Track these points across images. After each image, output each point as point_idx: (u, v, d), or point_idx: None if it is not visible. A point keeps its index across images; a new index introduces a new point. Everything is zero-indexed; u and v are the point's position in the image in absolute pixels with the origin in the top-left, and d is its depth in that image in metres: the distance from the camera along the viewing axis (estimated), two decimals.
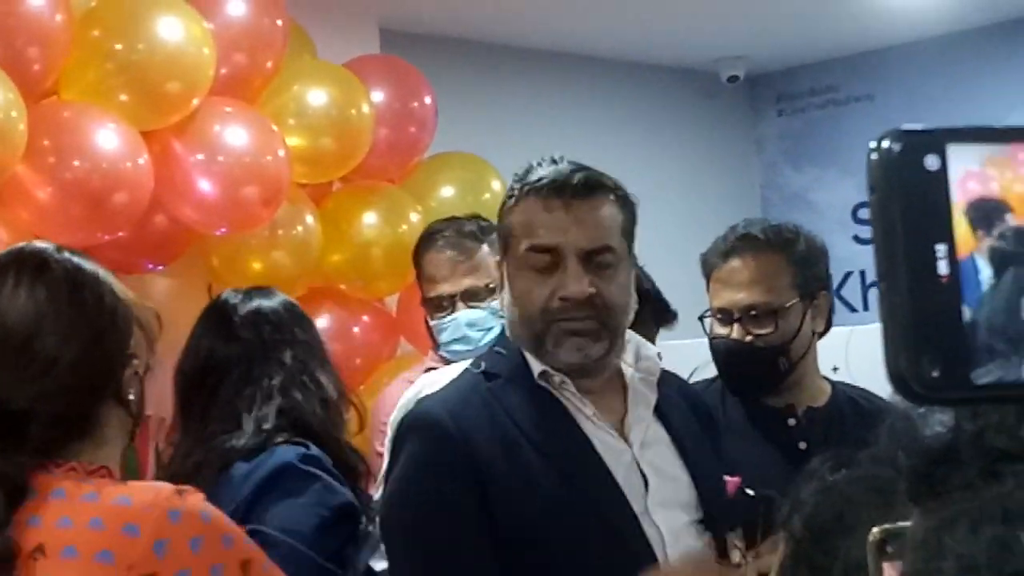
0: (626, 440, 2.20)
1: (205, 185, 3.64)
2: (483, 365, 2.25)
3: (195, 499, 1.76)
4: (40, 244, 1.92)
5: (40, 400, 1.76)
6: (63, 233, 3.27)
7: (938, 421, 0.68)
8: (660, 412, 2.26)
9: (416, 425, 2.21)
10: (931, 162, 0.65)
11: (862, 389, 2.85)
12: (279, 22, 3.92)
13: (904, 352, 0.64)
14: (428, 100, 4.27)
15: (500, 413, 2.15)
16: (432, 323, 3.34)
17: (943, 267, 0.64)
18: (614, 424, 2.21)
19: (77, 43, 3.52)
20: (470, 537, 2.10)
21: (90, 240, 3.32)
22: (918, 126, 0.67)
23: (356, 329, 4.10)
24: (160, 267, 3.88)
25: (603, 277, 2.16)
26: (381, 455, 3.30)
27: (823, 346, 2.77)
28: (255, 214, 3.72)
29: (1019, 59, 6.25)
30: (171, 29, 3.57)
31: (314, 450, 2.53)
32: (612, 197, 2.19)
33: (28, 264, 1.83)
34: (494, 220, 3.58)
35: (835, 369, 4.71)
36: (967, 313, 0.64)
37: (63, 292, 1.80)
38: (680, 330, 3.18)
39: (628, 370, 2.25)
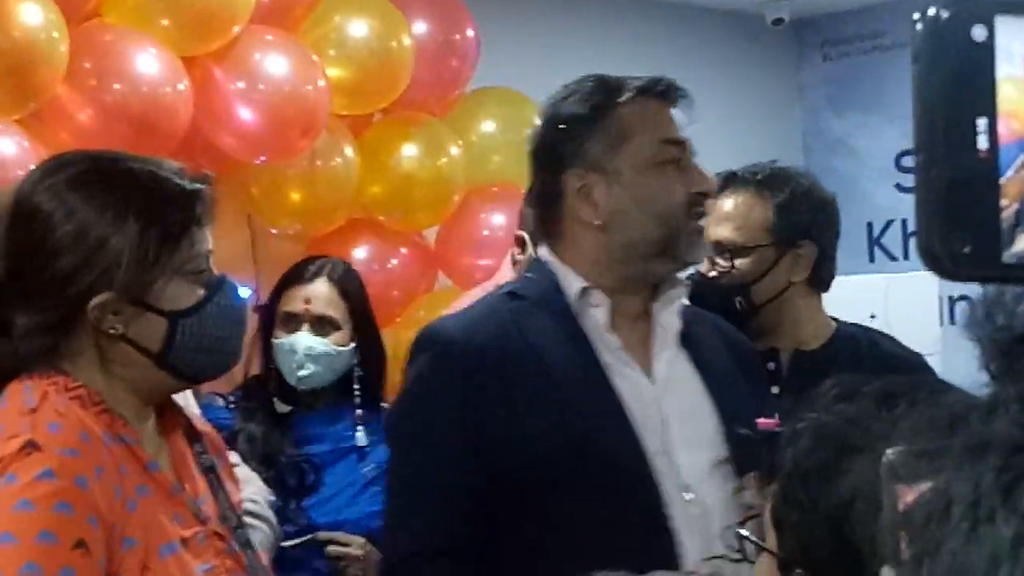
0: (649, 376, 2.16)
1: (245, 113, 3.63)
2: (509, 286, 2.22)
3: None
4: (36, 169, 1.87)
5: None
6: None
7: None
8: (689, 344, 2.21)
9: (426, 341, 2.19)
10: (978, 32, 0.63)
11: (879, 333, 2.82)
12: None
13: (937, 228, 0.62)
14: (471, 33, 4.23)
15: (515, 333, 2.11)
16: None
17: (983, 141, 0.62)
18: (637, 358, 2.16)
19: None
20: (457, 458, 2.07)
21: None
22: None
23: (394, 261, 4.08)
24: None
25: None
26: None
27: (860, 294, 2.73)
28: (294, 143, 3.71)
29: None
30: None
31: None
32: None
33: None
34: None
35: (872, 317, 4.70)
36: (1003, 191, 0.62)
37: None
38: None
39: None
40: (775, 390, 2.57)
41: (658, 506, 2.05)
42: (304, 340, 3.20)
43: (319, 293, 3.25)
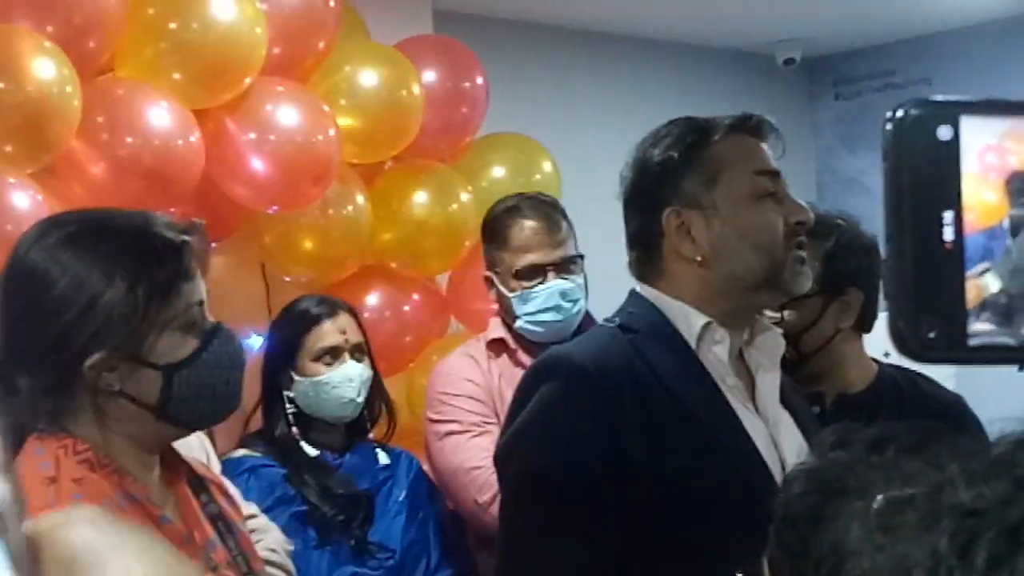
0: (759, 415, 2.14)
1: (257, 163, 3.67)
2: (617, 320, 2.17)
3: None
4: (40, 224, 1.89)
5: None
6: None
7: None
8: (782, 393, 2.20)
9: (554, 368, 2.12)
10: (944, 132, 0.67)
11: (916, 373, 2.79)
12: (332, 3, 3.94)
13: (904, 312, 0.67)
14: (480, 80, 4.28)
15: (642, 366, 2.07)
16: (517, 293, 3.31)
17: (948, 233, 0.66)
18: (749, 398, 2.15)
19: (132, 21, 3.56)
20: (598, 494, 2.01)
21: None
22: (935, 97, 0.68)
23: (406, 308, 4.11)
24: (213, 243, 3.92)
25: None
26: (437, 422, 3.32)
27: (876, 332, 2.72)
28: (305, 193, 3.75)
29: None
30: (225, 9, 3.60)
31: None
32: None
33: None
34: None
35: (886, 355, 4.68)
36: (971, 279, 0.66)
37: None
38: None
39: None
40: None
41: None
42: (356, 368, 3.23)
43: (349, 324, 3.28)
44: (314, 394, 3.21)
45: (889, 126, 0.67)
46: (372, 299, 4.04)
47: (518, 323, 3.32)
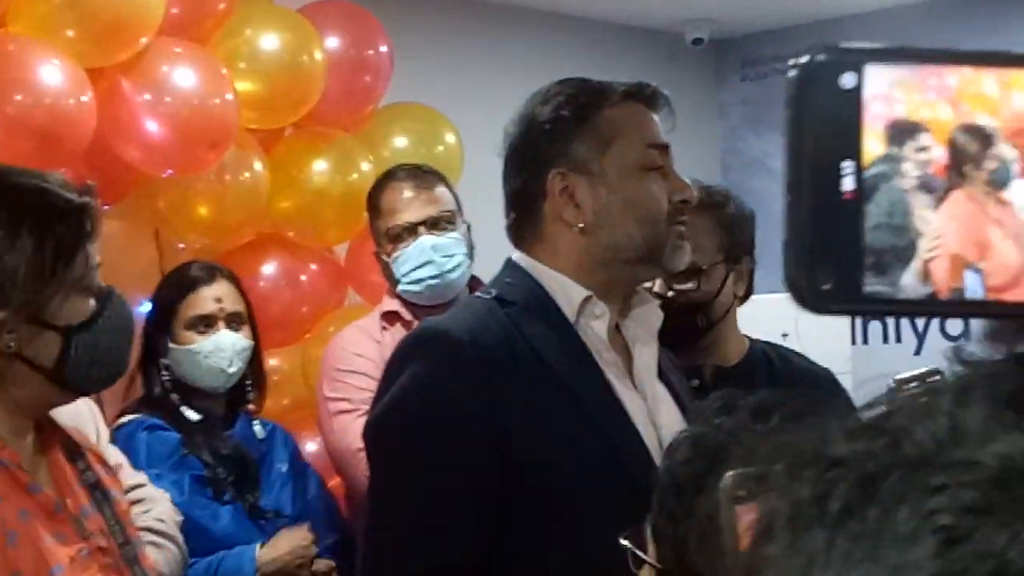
0: (636, 390, 2.10)
1: (151, 125, 3.59)
2: (494, 292, 2.10)
3: None
4: None
5: None
6: None
7: None
8: (658, 367, 2.16)
9: (427, 342, 2.05)
10: (847, 80, 0.66)
11: (785, 349, 2.85)
12: None
13: (800, 263, 0.66)
14: (384, 49, 4.22)
15: (519, 340, 2.01)
16: (392, 256, 3.32)
17: (848, 183, 0.65)
18: (626, 372, 2.10)
19: None
20: (472, 473, 1.95)
21: None
22: (842, 43, 0.67)
23: (304, 277, 4.06)
24: (106, 207, 3.83)
25: None
26: (329, 399, 3.30)
27: (773, 312, 2.75)
28: (201, 157, 3.67)
29: (994, 34, 6.23)
30: None
31: None
32: None
33: None
34: (447, 172, 3.61)
35: (785, 336, 4.72)
36: (866, 230, 0.66)
37: None
38: None
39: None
40: None
41: None
42: (229, 338, 3.18)
43: (227, 292, 3.23)
44: (187, 363, 3.17)
45: (793, 72, 0.67)
46: (268, 268, 3.98)
47: (399, 287, 3.31)
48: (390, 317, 3.37)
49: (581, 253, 2.07)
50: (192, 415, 3.16)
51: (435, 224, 3.34)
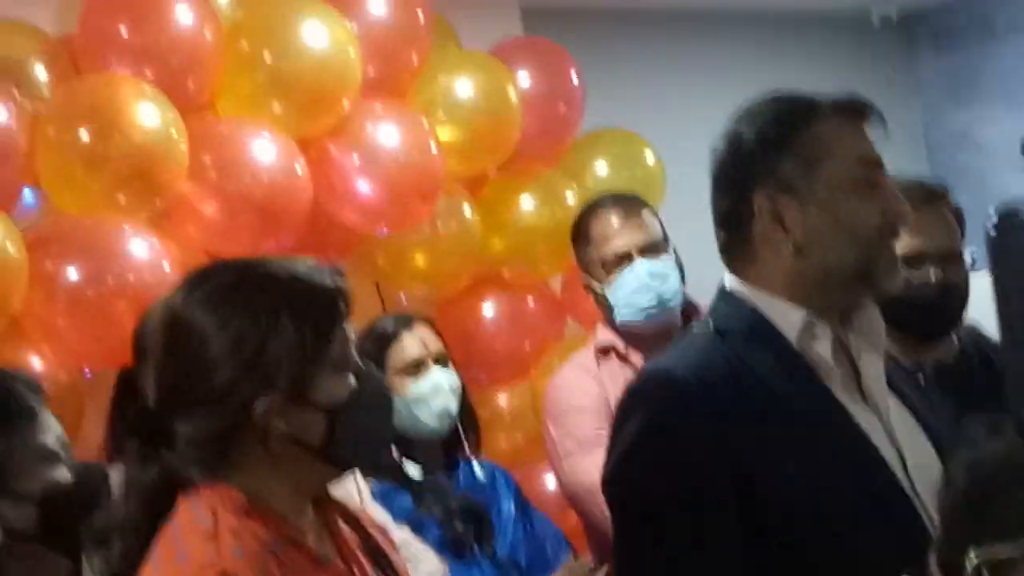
0: (869, 409, 2.01)
1: (363, 186, 3.69)
2: (711, 324, 2.03)
3: None
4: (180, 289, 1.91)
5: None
6: (231, 246, 3.36)
7: None
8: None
9: (652, 385, 2.00)
10: None
11: (977, 330, 2.78)
12: (421, 14, 3.94)
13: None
14: (574, 77, 4.25)
15: (746, 375, 1.94)
16: (607, 283, 3.34)
17: None
18: (856, 387, 2.01)
19: (227, 56, 3.59)
20: (715, 522, 1.89)
21: (257, 249, 3.38)
22: None
23: (523, 313, 4.11)
24: None
25: None
26: (556, 441, 3.34)
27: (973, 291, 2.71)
28: (413, 211, 3.76)
29: None
30: (316, 34, 3.62)
31: None
32: None
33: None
34: (647, 195, 3.63)
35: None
36: None
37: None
38: None
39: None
40: None
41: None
42: (443, 375, 3.20)
43: (427, 334, 3.25)
44: (407, 412, 3.14)
45: (992, 232, 0.67)
46: (488, 309, 4.04)
47: (617, 317, 3.32)
48: (605, 349, 3.39)
49: (794, 276, 2.00)
50: (414, 472, 3.17)
51: (647, 250, 3.35)
